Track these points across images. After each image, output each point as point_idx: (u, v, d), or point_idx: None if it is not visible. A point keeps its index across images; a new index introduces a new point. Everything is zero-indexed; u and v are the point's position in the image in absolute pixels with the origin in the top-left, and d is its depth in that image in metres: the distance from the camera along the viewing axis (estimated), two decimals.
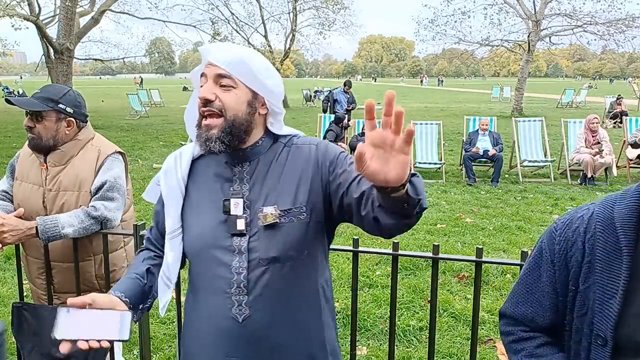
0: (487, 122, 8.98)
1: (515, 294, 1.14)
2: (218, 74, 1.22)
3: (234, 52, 1.23)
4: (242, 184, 1.29)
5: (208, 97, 1.21)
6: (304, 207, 1.26)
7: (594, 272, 0.98)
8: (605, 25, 19.67)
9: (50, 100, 2.04)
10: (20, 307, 2.15)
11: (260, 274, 1.24)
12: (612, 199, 1.02)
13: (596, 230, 0.99)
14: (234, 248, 1.25)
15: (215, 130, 1.22)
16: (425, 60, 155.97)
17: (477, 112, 20.59)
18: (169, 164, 1.37)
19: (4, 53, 21.89)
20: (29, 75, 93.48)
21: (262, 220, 1.24)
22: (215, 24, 20.72)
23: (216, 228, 1.27)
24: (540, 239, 1.11)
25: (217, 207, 1.27)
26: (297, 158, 1.31)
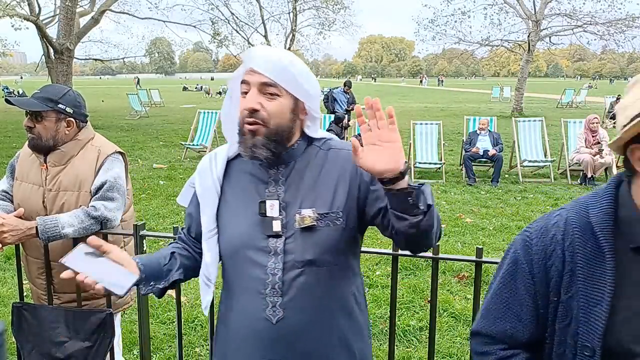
0: (486, 122, 8.98)
1: (490, 310, 1.06)
2: (263, 83, 1.21)
3: (277, 58, 1.22)
4: (278, 186, 1.29)
5: (254, 107, 1.20)
6: (340, 212, 1.27)
7: (576, 280, 0.94)
8: (605, 25, 19.67)
9: (49, 100, 2.04)
10: (20, 307, 2.15)
11: (295, 275, 1.25)
12: (584, 203, 0.99)
13: (575, 237, 0.96)
14: (270, 249, 1.25)
15: (260, 137, 1.22)
16: (425, 60, 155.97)
17: (477, 112, 20.59)
18: (204, 165, 1.38)
19: (4, 53, 21.89)
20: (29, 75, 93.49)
21: (300, 222, 1.25)
22: (215, 24, 20.70)
23: (252, 229, 1.27)
24: (512, 249, 1.05)
25: (253, 209, 1.28)
26: (334, 162, 1.31)
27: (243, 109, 1.22)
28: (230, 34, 21.58)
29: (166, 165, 9.67)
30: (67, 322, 2.09)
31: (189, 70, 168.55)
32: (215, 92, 37.79)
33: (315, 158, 1.31)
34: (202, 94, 38.80)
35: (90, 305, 2.19)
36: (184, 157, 10.52)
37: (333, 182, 1.28)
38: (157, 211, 6.43)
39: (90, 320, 2.09)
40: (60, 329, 2.09)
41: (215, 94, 37.22)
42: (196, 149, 10.75)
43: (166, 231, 5.25)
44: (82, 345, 2.09)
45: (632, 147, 0.89)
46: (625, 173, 0.95)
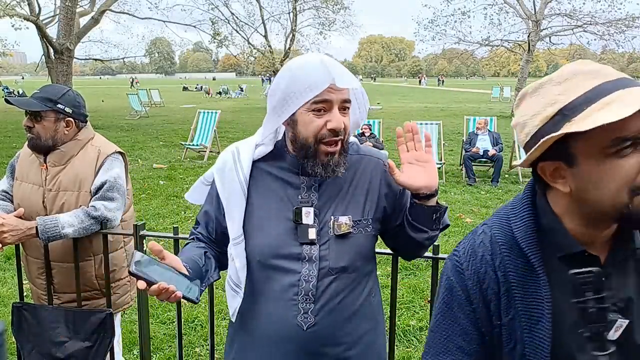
0: (483, 121, 8.98)
1: (433, 344, 0.99)
2: (344, 100, 1.21)
3: (347, 70, 1.21)
4: (311, 192, 1.28)
5: (342, 128, 1.20)
6: (370, 219, 1.30)
7: (514, 300, 0.90)
8: (605, 25, 19.66)
9: (48, 100, 2.04)
10: (20, 307, 2.15)
11: (328, 283, 1.25)
12: (505, 217, 0.95)
13: (503, 255, 0.92)
14: (304, 256, 1.25)
15: (337, 156, 1.22)
16: (425, 60, 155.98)
17: (477, 112, 20.59)
18: (227, 163, 1.32)
19: (4, 53, 21.89)
20: (29, 75, 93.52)
21: (337, 229, 1.25)
22: (215, 24, 20.69)
23: (285, 236, 1.25)
24: (444, 275, 0.99)
25: (285, 215, 1.26)
26: (364, 169, 1.33)
27: (329, 129, 1.19)
28: (230, 34, 21.60)
29: (166, 165, 9.67)
30: (67, 322, 2.09)
31: (189, 70, 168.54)
32: (215, 92, 37.78)
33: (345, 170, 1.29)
34: (202, 94, 38.80)
35: (90, 305, 2.19)
36: (184, 157, 10.52)
37: (364, 189, 1.31)
38: (157, 211, 6.43)
39: (90, 320, 2.09)
40: (60, 329, 2.09)
41: (215, 94, 37.23)
42: (196, 149, 10.75)
43: (166, 231, 5.24)
44: (82, 345, 2.09)
45: (541, 164, 0.87)
46: (538, 185, 0.92)
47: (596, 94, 0.79)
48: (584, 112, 0.79)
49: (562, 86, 0.83)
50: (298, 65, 1.21)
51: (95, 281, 2.19)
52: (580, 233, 0.88)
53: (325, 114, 1.19)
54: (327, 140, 1.20)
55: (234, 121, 17.82)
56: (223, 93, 37.49)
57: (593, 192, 0.82)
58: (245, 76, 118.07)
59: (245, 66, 53.63)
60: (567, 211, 0.89)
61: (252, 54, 23.30)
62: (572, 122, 0.79)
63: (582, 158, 0.81)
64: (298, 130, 1.22)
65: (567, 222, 0.89)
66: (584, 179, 0.82)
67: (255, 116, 19.86)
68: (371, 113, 20.96)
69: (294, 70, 1.20)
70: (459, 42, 23.14)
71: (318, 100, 1.17)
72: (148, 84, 47.10)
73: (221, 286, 4.05)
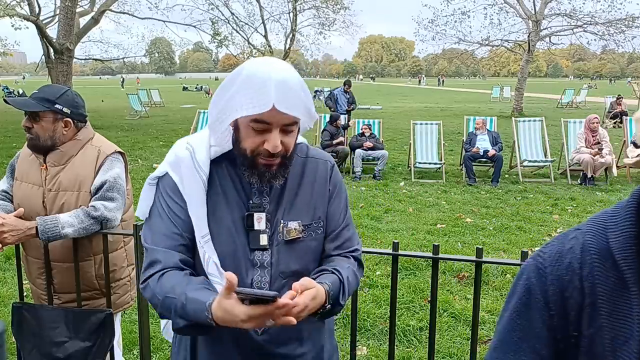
0: (481, 121, 8.98)
1: (503, 341, 0.94)
2: (286, 124, 1.16)
3: (295, 90, 1.15)
4: (262, 196, 1.26)
5: (279, 150, 1.16)
6: (321, 222, 1.30)
7: (598, 315, 0.82)
8: (605, 25, 19.67)
9: (46, 100, 2.04)
10: (20, 307, 2.15)
11: (280, 287, 1.24)
12: (602, 224, 0.87)
13: (594, 265, 0.84)
14: (256, 262, 1.24)
15: (275, 168, 1.20)
16: (425, 60, 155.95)
17: (477, 112, 20.59)
18: (184, 160, 1.26)
19: (4, 53, 21.89)
20: (29, 75, 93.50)
21: (286, 235, 1.25)
22: (215, 24, 20.67)
23: (236, 240, 1.24)
24: (524, 275, 0.93)
25: (236, 219, 1.24)
26: (312, 172, 1.32)
27: (265, 148, 1.16)
28: (230, 34, 21.57)
29: None
30: (67, 322, 2.09)
31: (189, 70, 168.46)
32: (214, 92, 37.75)
33: (294, 166, 1.28)
34: (202, 94, 38.79)
35: (90, 305, 2.19)
36: None
37: (313, 191, 1.30)
38: None
39: (90, 320, 2.09)
40: (60, 329, 2.09)
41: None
42: None
43: None
44: (82, 345, 2.09)
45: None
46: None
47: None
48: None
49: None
50: (248, 74, 1.15)
51: (95, 281, 2.19)
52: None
53: (264, 133, 1.16)
54: (262, 157, 1.18)
55: None
56: None
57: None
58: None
59: None
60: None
61: (252, 54, 23.28)
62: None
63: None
64: (239, 137, 1.20)
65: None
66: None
67: None
68: (371, 113, 20.95)
69: (244, 78, 1.15)
70: (459, 42, 23.15)
71: (258, 119, 1.14)
72: (148, 84, 47.10)
73: None
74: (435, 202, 7.12)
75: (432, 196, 7.44)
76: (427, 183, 8.35)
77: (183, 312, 1.13)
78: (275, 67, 1.15)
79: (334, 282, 1.21)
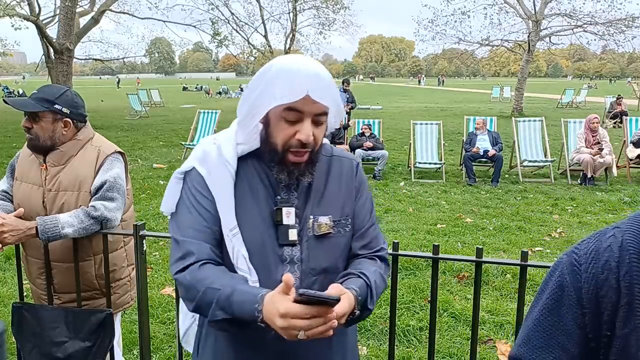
0: (481, 122, 8.98)
1: (531, 337, 0.93)
2: (318, 114, 1.18)
3: (327, 81, 1.18)
4: (290, 192, 1.25)
5: (310, 141, 1.17)
6: (349, 219, 1.30)
7: (634, 315, 0.81)
8: (605, 25, 19.67)
9: (45, 100, 2.04)
10: (20, 307, 2.15)
11: (310, 284, 1.23)
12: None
13: (632, 265, 0.82)
14: (285, 258, 1.22)
15: (304, 164, 1.20)
16: (425, 60, 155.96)
17: (477, 112, 20.59)
18: (210, 154, 1.25)
19: (4, 53, 21.89)
20: (29, 75, 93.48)
21: (316, 229, 1.24)
22: (215, 24, 20.68)
23: (265, 236, 1.22)
24: (557, 270, 0.91)
25: (264, 215, 1.23)
26: (340, 170, 1.33)
27: (297, 139, 1.16)
28: (230, 34, 21.57)
29: (166, 165, 9.67)
30: (67, 322, 2.09)
31: (189, 70, 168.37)
32: (215, 92, 37.77)
33: (321, 164, 1.28)
34: (202, 94, 38.78)
35: (90, 305, 2.19)
36: (183, 157, 10.52)
37: (341, 189, 1.31)
38: (157, 211, 6.43)
39: (90, 320, 2.09)
40: (60, 329, 2.09)
41: (215, 94, 37.22)
42: None
43: (166, 231, 5.23)
44: (82, 345, 2.09)
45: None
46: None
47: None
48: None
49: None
50: (278, 67, 1.18)
51: (95, 281, 2.19)
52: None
53: (296, 124, 1.17)
54: (294, 150, 1.18)
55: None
56: (223, 93, 37.48)
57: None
58: (245, 76, 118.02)
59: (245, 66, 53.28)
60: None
61: (252, 54, 23.29)
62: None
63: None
64: (270, 132, 1.20)
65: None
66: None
67: None
68: (371, 113, 20.94)
69: (274, 71, 1.18)
70: (459, 42, 23.15)
71: (291, 107, 1.15)
72: (148, 84, 47.10)
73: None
74: (435, 202, 7.12)
75: (432, 196, 7.44)
76: (427, 183, 8.35)
77: (227, 303, 1.10)
78: (307, 61, 1.19)
79: (361, 287, 1.20)
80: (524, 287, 1.74)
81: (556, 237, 5.57)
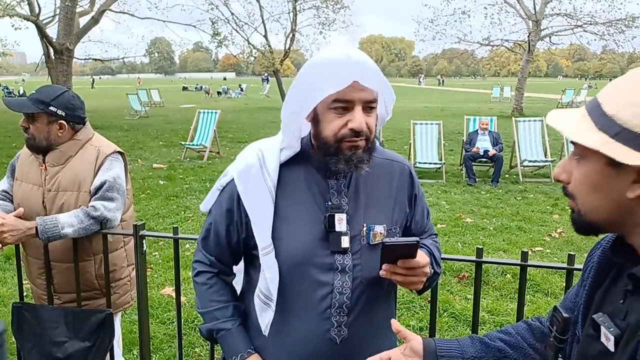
0: (487, 121, 8.98)
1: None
2: (369, 100, 1.14)
3: (374, 67, 1.14)
4: (341, 197, 1.21)
5: (364, 129, 1.13)
6: (398, 227, 1.27)
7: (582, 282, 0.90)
8: (605, 25, 19.66)
9: (41, 102, 2.04)
10: (20, 307, 2.15)
11: (360, 293, 1.20)
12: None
13: (599, 247, 0.89)
14: (337, 266, 1.19)
15: (361, 152, 1.15)
16: (425, 60, 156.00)
17: (477, 112, 20.58)
18: (252, 168, 1.22)
19: (4, 53, 21.87)
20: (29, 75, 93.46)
21: (372, 239, 1.21)
22: (215, 24, 20.67)
23: (315, 244, 1.19)
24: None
25: (314, 221, 1.19)
26: (389, 174, 1.29)
27: (350, 128, 1.12)
28: (230, 33, 21.57)
29: (166, 165, 9.67)
30: (67, 322, 2.09)
31: (189, 70, 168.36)
32: (215, 92, 37.76)
33: (373, 167, 1.21)
34: (202, 94, 38.78)
35: (90, 305, 2.19)
36: (183, 157, 10.52)
37: (391, 195, 1.27)
38: (157, 211, 6.43)
39: (90, 320, 2.09)
40: (60, 329, 2.09)
41: (215, 94, 37.20)
42: (196, 149, 10.75)
43: (166, 231, 5.24)
44: (82, 345, 2.09)
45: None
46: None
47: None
48: None
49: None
50: (322, 58, 1.14)
51: (95, 281, 2.18)
52: None
53: (346, 113, 1.13)
54: (348, 140, 1.13)
55: (234, 121, 17.81)
56: (223, 93, 37.46)
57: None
58: (245, 76, 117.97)
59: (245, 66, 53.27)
60: None
61: (252, 53, 23.28)
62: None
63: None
64: (320, 128, 1.16)
65: None
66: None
67: (255, 116, 19.85)
68: None
69: (318, 63, 1.14)
70: (459, 41, 23.16)
71: (339, 98, 1.11)
72: (148, 84, 47.10)
73: None
74: (435, 202, 7.11)
75: (432, 196, 7.44)
76: (427, 183, 8.35)
77: (219, 336, 1.28)
78: (351, 50, 1.15)
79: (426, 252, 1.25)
80: (524, 287, 1.74)
81: (556, 237, 5.57)
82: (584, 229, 0.85)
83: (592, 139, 0.76)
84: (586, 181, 0.81)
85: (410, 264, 1.09)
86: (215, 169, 9.29)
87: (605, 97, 0.80)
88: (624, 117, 0.74)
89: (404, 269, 1.10)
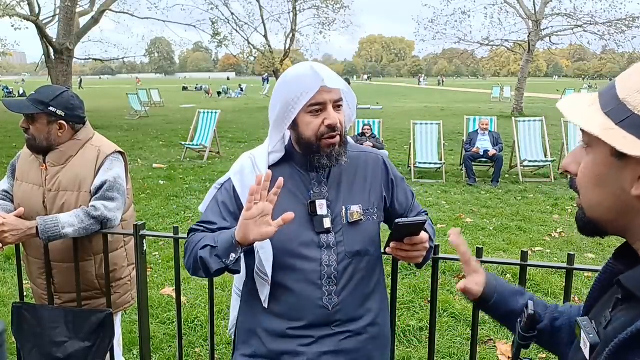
0: (487, 122, 8.98)
1: None
2: (337, 99, 1.37)
3: (336, 74, 1.37)
4: (322, 186, 1.44)
5: (338, 124, 1.36)
6: (375, 208, 1.47)
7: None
8: (605, 25, 19.66)
9: (40, 102, 2.04)
10: (20, 307, 2.16)
11: (346, 265, 1.41)
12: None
13: None
14: (322, 244, 1.40)
15: (338, 147, 1.39)
16: (425, 60, 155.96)
17: (477, 112, 20.58)
18: (245, 167, 1.46)
19: (4, 53, 21.88)
20: (29, 75, 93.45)
21: (349, 217, 1.42)
22: (215, 24, 20.68)
23: (302, 227, 1.39)
24: None
25: (300, 209, 1.39)
26: (366, 164, 1.51)
27: (327, 125, 1.35)
28: (230, 33, 21.58)
29: (166, 165, 9.67)
30: (67, 322, 2.09)
31: (189, 70, 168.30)
32: (214, 92, 37.75)
33: (349, 158, 1.44)
34: (202, 94, 38.77)
35: (91, 305, 2.19)
36: (183, 157, 10.52)
37: (367, 181, 1.48)
38: (157, 211, 6.43)
39: (90, 320, 2.09)
40: (60, 329, 2.09)
41: (215, 94, 37.19)
42: (196, 149, 10.76)
43: (166, 231, 5.24)
44: (82, 345, 2.09)
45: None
46: None
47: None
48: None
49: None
50: (291, 76, 1.38)
51: (95, 281, 2.19)
52: None
53: (321, 114, 1.35)
54: (326, 136, 1.36)
55: (234, 121, 17.81)
56: (223, 93, 37.45)
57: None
58: (245, 76, 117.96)
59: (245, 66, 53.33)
60: None
61: (252, 53, 23.29)
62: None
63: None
64: (300, 131, 1.38)
65: None
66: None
67: (255, 116, 19.84)
68: (371, 113, 20.94)
69: (288, 81, 1.37)
70: (459, 41, 23.16)
71: (313, 102, 1.34)
72: (147, 84, 47.12)
73: (221, 286, 4.05)
74: (435, 202, 7.12)
75: (432, 196, 7.44)
76: (427, 183, 8.35)
77: (214, 240, 1.34)
78: (311, 63, 1.39)
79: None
80: (524, 287, 1.74)
81: (556, 237, 5.57)
82: (587, 228, 0.77)
83: (594, 123, 0.68)
84: (589, 173, 0.72)
85: (415, 241, 1.31)
86: (215, 169, 9.29)
87: (622, 79, 0.70)
88: (634, 102, 0.65)
89: (410, 245, 1.31)
